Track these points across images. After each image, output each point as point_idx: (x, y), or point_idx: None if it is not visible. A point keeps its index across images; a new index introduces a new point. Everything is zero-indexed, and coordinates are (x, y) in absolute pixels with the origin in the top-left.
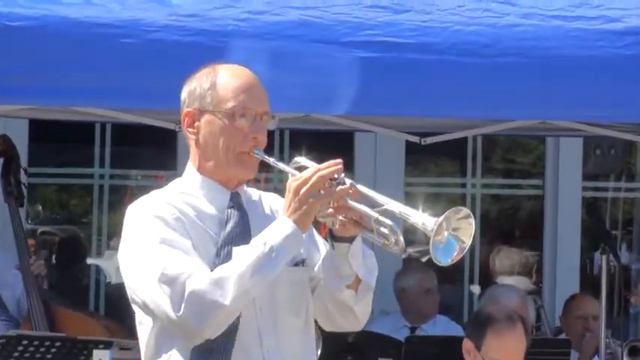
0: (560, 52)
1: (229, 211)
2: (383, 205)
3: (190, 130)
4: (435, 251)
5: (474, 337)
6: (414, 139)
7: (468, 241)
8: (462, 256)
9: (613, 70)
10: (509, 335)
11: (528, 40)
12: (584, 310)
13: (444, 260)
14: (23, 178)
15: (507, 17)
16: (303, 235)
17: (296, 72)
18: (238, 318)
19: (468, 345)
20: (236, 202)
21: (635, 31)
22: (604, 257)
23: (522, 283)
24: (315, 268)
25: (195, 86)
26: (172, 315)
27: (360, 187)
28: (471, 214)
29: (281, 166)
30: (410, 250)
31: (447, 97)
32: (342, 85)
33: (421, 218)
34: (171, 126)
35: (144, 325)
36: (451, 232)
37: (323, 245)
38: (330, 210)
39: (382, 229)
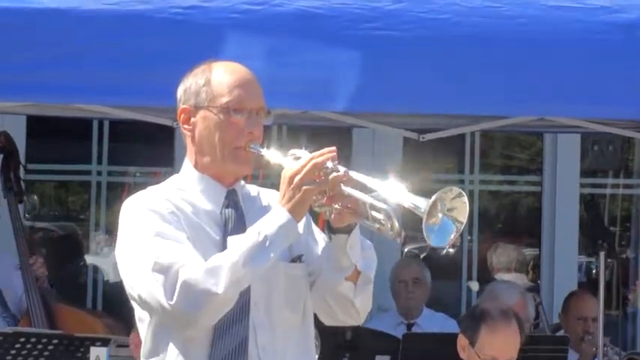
0: (560, 46)
1: (226, 211)
2: (376, 191)
3: (186, 126)
4: (429, 233)
5: (469, 333)
6: (413, 135)
7: (465, 220)
8: (457, 236)
9: (613, 65)
10: (504, 331)
11: (528, 32)
12: (584, 312)
13: (440, 243)
14: (21, 174)
15: (507, 7)
16: (298, 224)
17: (294, 67)
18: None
19: (462, 341)
20: (232, 199)
21: (637, 23)
22: (602, 254)
23: (519, 279)
24: (315, 262)
25: (191, 83)
26: (165, 304)
27: (354, 174)
28: (463, 192)
29: (277, 158)
30: (407, 247)
31: (446, 92)
32: (341, 81)
33: (412, 200)
34: (168, 122)
35: (144, 322)
36: (446, 213)
37: (322, 239)
38: (325, 199)
39: (377, 215)
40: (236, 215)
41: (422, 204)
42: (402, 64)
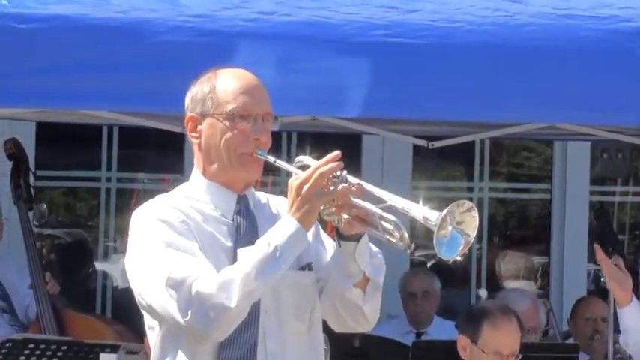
0: (570, 54)
1: (238, 217)
2: (386, 202)
3: (193, 134)
4: (439, 246)
5: (470, 331)
6: (422, 142)
7: (473, 234)
8: (467, 249)
9: (623, 72)
10: (506, 326)
11: (538, 40)
12: (593, 312)
13: (449, 254)
14: (31, 180)
15: (518, 16)
16: (307, 233)
17: (305, 74)
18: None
19: (463, 341)
20: (243, 205)
21: None
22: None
23: (528, 287)
24: (324, 269)
25: (197, 91)
26: (180, 319)
27: (364, 185)
28: (474, 207)
29: (284, 165)
30: (416, 253)
31: (456, 99)
32: (352, 88)
33: (424, 213)
34: (178, 129)
35: (154, 330)
36: (455, 226)
37: (331, 245)
38: (334, 208)
39: (386, 226)
40: (248, 221)
41: (433, 217)
42: (412, 71)
